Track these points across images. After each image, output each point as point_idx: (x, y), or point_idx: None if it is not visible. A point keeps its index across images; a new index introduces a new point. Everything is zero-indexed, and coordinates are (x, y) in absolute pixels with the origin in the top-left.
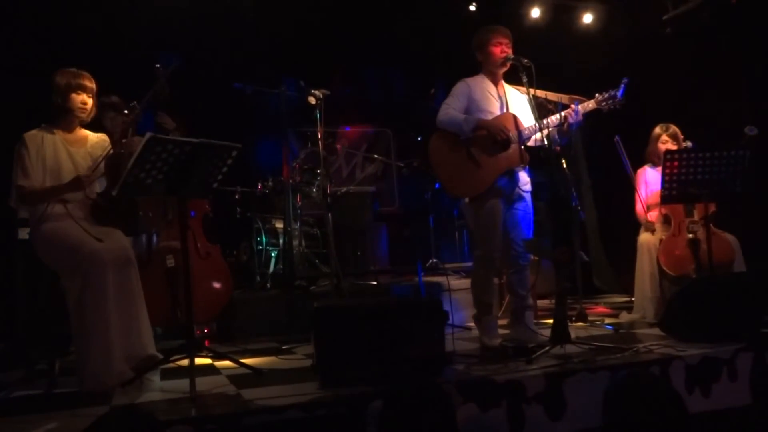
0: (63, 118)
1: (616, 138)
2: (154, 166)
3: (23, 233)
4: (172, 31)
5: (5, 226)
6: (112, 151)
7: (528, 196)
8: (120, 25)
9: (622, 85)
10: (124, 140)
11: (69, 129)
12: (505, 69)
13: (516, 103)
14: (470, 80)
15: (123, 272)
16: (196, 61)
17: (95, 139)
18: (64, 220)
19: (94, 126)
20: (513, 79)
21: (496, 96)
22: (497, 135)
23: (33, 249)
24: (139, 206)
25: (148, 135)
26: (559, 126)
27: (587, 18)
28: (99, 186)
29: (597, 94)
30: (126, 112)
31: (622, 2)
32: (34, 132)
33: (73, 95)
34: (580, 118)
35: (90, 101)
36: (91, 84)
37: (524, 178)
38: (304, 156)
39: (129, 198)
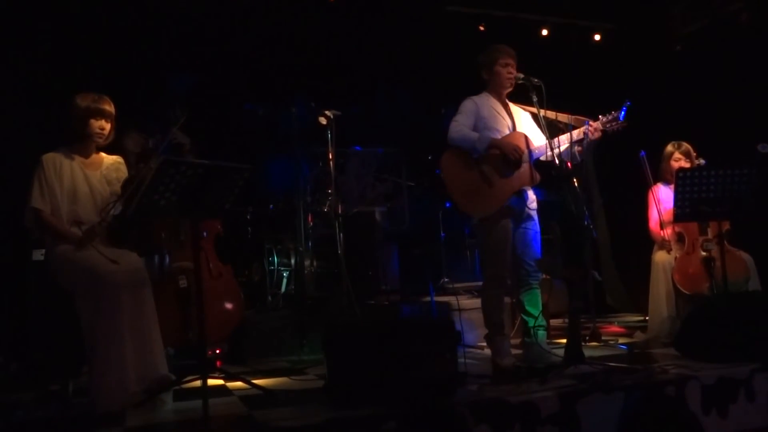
0: (80, 142)
1: (642, 153)
2: (167, 188)
3: (37, 254)
4: (184, 52)
5: (19, 247)
6: (127, 176)
7: (535, 214)
8: (132, 45)
9: (624, 108)
10: (142, 164)
11: (86, 153)
12: (510, 90)
13: (523, 122)
14: (477, 98)
15: (137, 294)
16: (208, 82)
17: (110, 161)
18: None
19: (110, 147)
20: (521, 98)
21: (504, 114)
22: (510, 154)
23: (48, 270)
24: (155, 229)
25: (161, 158)
26: (580, 142)
27: (596, 37)
28: (113, 209)
29: (600, 116)
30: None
31: (631, 21)
32: (52, 154)
33: (92, 121)
34: (599, 134)
35: (108, 126)
36: (110, 108)
37: (531, 197)
38: (315, 176)
39: (144, 220)
